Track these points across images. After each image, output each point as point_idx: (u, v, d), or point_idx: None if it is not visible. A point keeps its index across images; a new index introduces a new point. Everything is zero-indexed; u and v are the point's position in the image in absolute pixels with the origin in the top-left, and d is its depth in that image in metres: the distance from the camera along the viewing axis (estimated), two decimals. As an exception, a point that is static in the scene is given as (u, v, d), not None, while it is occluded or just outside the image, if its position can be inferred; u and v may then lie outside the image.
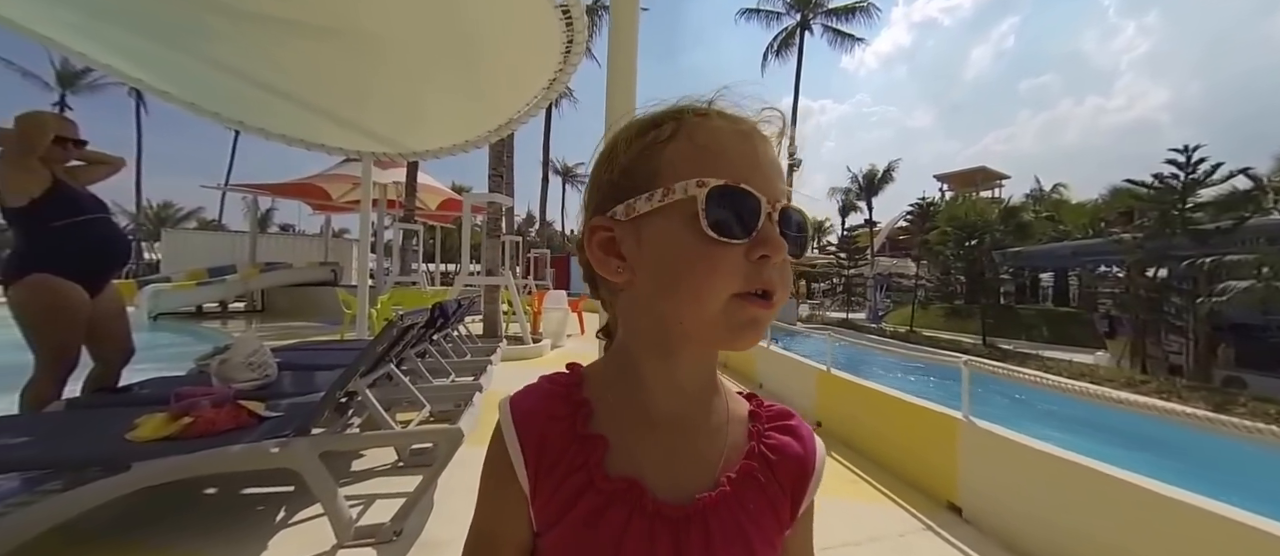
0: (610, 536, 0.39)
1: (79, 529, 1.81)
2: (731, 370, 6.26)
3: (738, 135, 0.40)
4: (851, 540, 2.14)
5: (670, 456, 0.42)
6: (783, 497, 0.44)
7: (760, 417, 0.46)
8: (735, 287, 0.37)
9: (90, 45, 3.17)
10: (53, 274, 2.30)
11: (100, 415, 2.21)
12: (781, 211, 0.39)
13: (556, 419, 0.42)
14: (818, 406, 3.95)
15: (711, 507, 0.40)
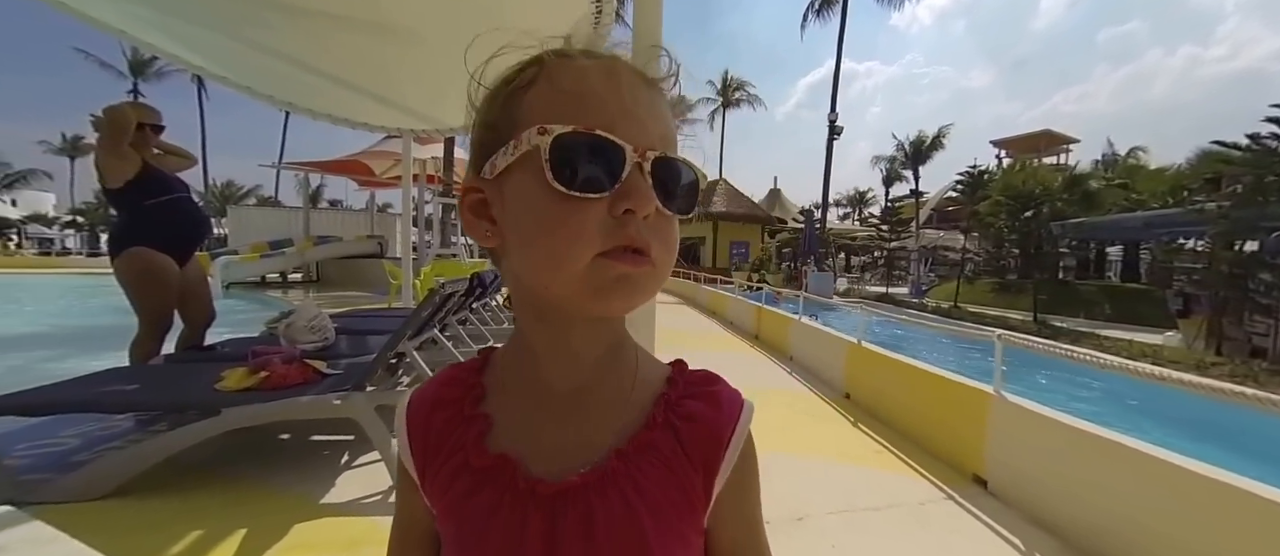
0: (482, 516, 0.36)
1: (181, 462, 2.10)
2: (763, 341, 6.29)
3: (605, 74, 0.35)
4: (871, 506, 2.20)
5: (559, 431, 0.38)
6: (692, 472, 0.38)
7: (677, 384, 0.41)
8: (597, 247, 0.32)
9: (157, 36, 3.44)
10: (148, 247, 2.61)
11: (193, 368, 2.52)
12: (658, 161, 0.34)
13: (444, 404, 0.40)
14: (846, 378, 3.95)
15: (594, 485, 0.36)
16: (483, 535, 0.36)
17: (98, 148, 2.59)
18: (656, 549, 0.35)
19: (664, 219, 0.35)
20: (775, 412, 3.54)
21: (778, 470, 2.54)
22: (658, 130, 0.36)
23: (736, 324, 7.70)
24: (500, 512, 0.36)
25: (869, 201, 47.30)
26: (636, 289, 0.34)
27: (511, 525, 0.35)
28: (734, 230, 22.58)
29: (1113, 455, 1.87)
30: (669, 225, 0.36)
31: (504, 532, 0.35)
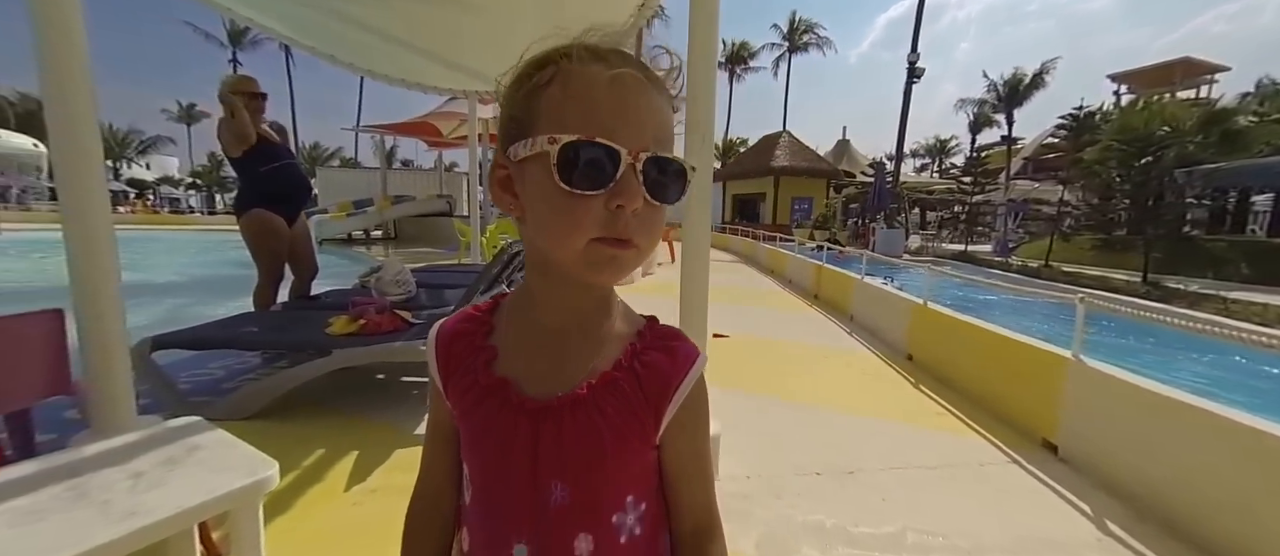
0: (484, 416, 0.48)
1: (300, 394, 2.47)
2: (823, 301, 6.15)
3: (610, 83, 0.41)
4: (927, 464, 2.20)
5: (546, 363, 0.48)
6: (645, 406, 0.47)
7: (645, 336, 0.50)
8: (593, 233, 0.40)
9: (251, 9, 3.74)
10: (264, 208, 2.99)
11: (305, 315, 2.90)
12: (650, 160, 0.41)
13: (462, 336, 0.51)
14: (909, 339, 3.82)
15: (567, 406, 0.46)
16: (485, 435, 0.48)
17: (220, 124, 2.94)
18: (611, 455, 0.46)
19: (652, 209, 0.42)
20: (831, 371, 3.52)
21: (830, 425, 2.57)
22: (653, 130, 0.42)
23: (795, 282, 7.54)
24: (498, 420, 0.47)
25: (951, 151, 43.12)
26: (622, 268, 0.43)
27: (505, 428, 0.47)
28: (796, 185, 21.52)
29: (1206, 427, 1.74)
30: (655, 214, 0.43)
31: (500, 434, 0.47)
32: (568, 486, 0.47)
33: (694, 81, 1.87)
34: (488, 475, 0.50)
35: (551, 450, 0.46)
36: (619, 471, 0.48)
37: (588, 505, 0.47)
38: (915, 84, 19.03)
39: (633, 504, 0.49)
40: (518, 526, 0.48)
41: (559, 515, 0.47)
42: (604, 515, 0.48)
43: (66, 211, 1.57)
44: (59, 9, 1.47)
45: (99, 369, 1.62)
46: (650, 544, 0.51)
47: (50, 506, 0.93)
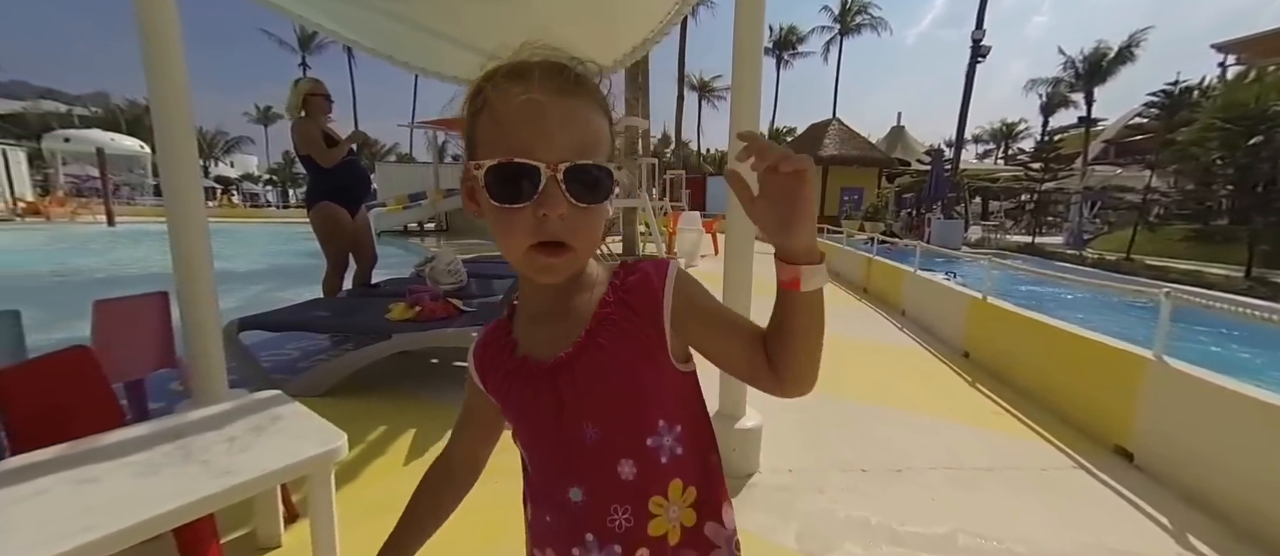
0: (515, 393, 0.56)
1: (363, 374, 2.66)
2: (872, 295, 5.92)
3: (525, 104, 0.45)
4: (982, 465, 2.10)
5: (549, 335, 0.54)
6: (642, 322, 0.52)
7: (618, 275, 0.55)
8: (528, 241, 0.46)
9: (318, 14, 3.99)
10: (330, 202, 3.22)
11: (368, 302, 3.11)
12: (569, 170, 0.45)
13: (490, 343, 0.60)
14: (966, 335, 3.63)
15: (572, 357, 0.52)
16: (520, 407, 0.56)
17: (293, 125, 3.19)
18: (622, 382, 0.52)
19: (582, 211, 0.47)
20: (880, 367, 3.40)
21: (877, 422, 2.49)
22: (571, 140, 0.46)
23: (843, 275, 7.29)
24: (526, 389, 0.55)
25: (1019, 135, 39.98)
26: (559, 271, 0.49)
27: (532, 395, 0.54)
28: (846, 175, 20.63)
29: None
30: (586, 215, 0.47)
31: (530, 400, 0.55)
32: (596, 425, 0.52)
33: (740, 70, 1.84)
34: (531, 441, 0.57)
35: (572, 398, 0.52)
36: (637, 397, 0.53)
37: (619, 435, 0.52)
38: (980, 63, 17.77)
39: (666, 427, 0.53)
40: (567, 474, 0.54)
41: (597, 451, 0.52)
42: (638, 440, 0.52)
43: (169, 207, 1.76)
44: (163, 30, 1.65)
45: (197, 346, 1.82)
46: (692, 462, 0.55)
47: (163, 462, 1.06)
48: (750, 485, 1.88)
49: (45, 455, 1.05)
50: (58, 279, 6.56)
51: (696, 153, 47.40)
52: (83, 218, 15.30)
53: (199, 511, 0.95)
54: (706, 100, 46.27)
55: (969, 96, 17.91)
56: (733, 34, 1.85)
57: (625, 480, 0.52)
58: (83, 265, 7.75)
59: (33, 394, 1.14)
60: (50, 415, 1.15)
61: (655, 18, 3.86)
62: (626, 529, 0.52)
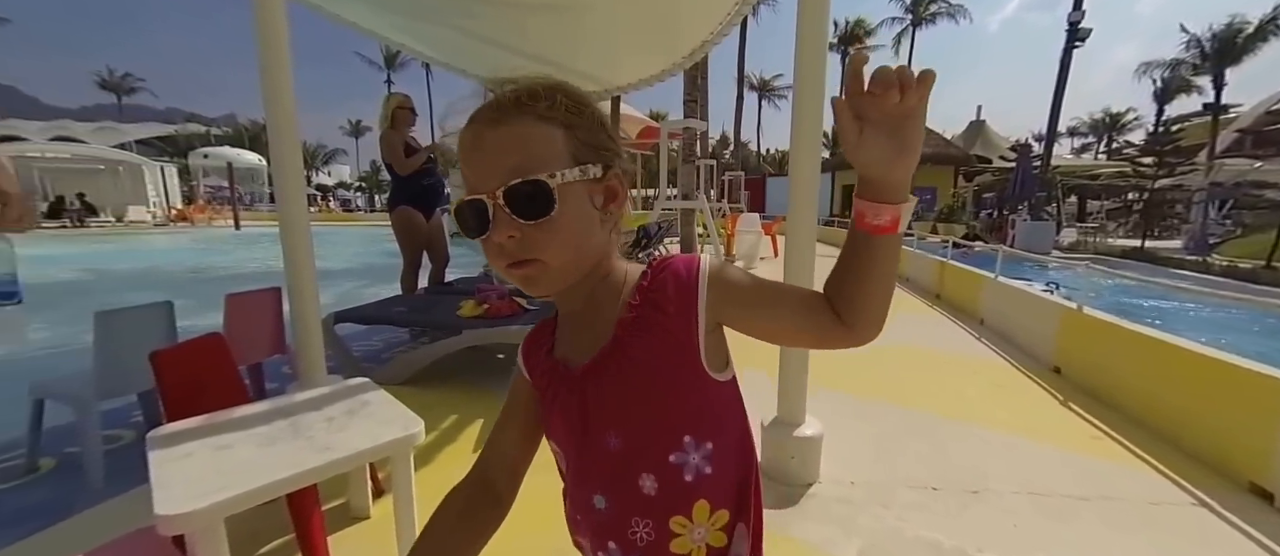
0: (550, 394, 0.57)
1: (436, 367, 2.86)
2: (946, 301, 5.54)
3: (469, 137, 0.48)
4: (1073, 493, 1.91)
5: (584, 338, 0.55)
6: (672, 320, 0.51)
7: (648, 275, 0.54)
8: (502, 263, 0.49)
9: (400, 34, 4.32)
10: (409, 206, 3.51)
11: (442, 299, 3.35)
12: (506, 193, 0.45)
13: (535, 340, 0.62)
14: (1057, 349, 3.31)
15: (599, 362, 0.52)
16: (552, 407, 0.57)
17: (381, 136, 3.50)
18: (647, 392, 0.51)
19: (536, 229, 0.47)
20: (953, 379, 3.18)
21: (950, 437, 2.34)
22: (506, 164, 0.46)
23: (913, 280, 6.86)
24: (558, 391, 0.56)
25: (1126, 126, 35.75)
26: (535, 283, 0.50)
27: (562, 398, 0.55)
28: (916, 174, 19.09)
29: None
30: (538, 232, 0.47)
31: (561, 404, 0.56)
32: (618, 434, 0.52)
33: (803, 69, 1.80)
34: (561, 444, 0.58)
35: (597, 405, 0.52)
36: (663, 406, 0.51)
37: (641, 447, 0.51)
38: (1077, 48, 16.04)
39: (692, 444, 0.51)
40: (592, 480, 0.54)
41: (619, 461, 0.52)
42: (660, 455, 0.51)
43: (280, 214, 2.00)
44: (277, 63, 1.88)
45: (302, 337, 2.05)
46: (724, 483, 0.53)
47: (279, 436, 1.22)
48: (809, 495, 1.83)
49: (190, 424, 1.24)
50: (195, 274, 7.59)
51: (756, 153, 46.43)
52: (216, 223, 17.57)
53: (307, 481, 1.08)
54: (767, 99, 45.23)
55: (1063, 85, 16.19)
56: (795, 31, 1.81)
57: (646, 494, 0.51)
58: (214, 263, 8.92)
59: (181, 372, 1.34)
60: (193, 391, 1.35)
61: (716, 18, 3.85)
62: (647, 543, 0.52)
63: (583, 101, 0.50)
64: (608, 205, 0.52)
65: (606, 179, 0.51)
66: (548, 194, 0.46)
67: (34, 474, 1.88)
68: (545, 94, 0.48)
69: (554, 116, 0.48)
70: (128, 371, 1.93)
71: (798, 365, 1.89)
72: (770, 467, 1.92)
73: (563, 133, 0.48)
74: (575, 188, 0.48)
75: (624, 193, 0.53)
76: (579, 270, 0.51)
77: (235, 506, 0.98)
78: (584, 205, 0.49)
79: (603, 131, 0.51)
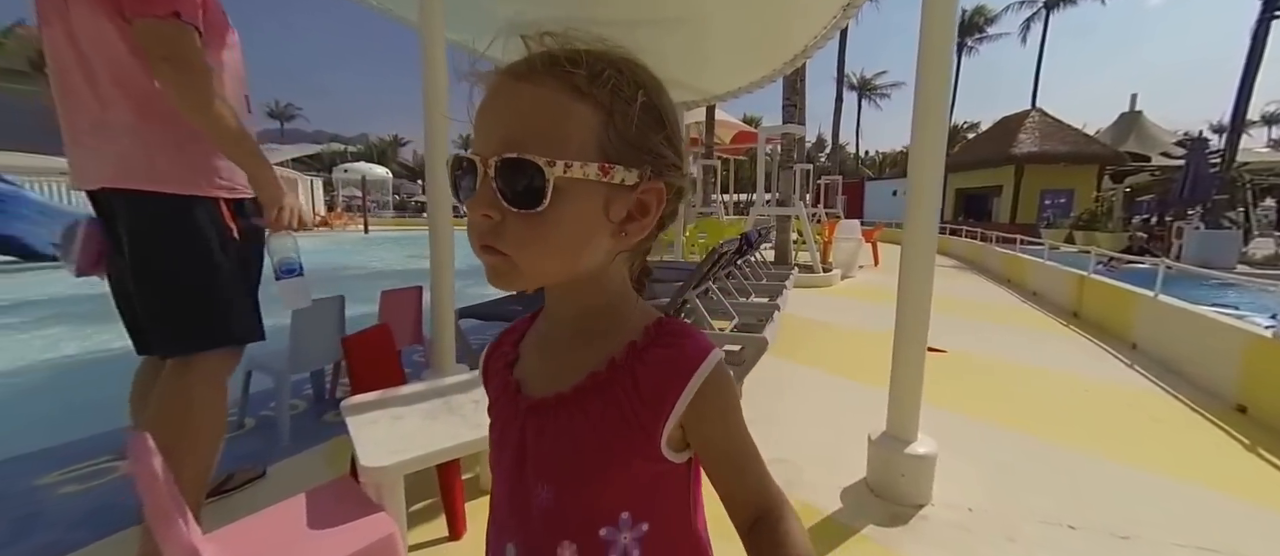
0: (496, 417, 0.52)
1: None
2: (1086, 321, 4.84)
3: (491, 85, 0.40)
4: (1262, 554, 1.62)
5: (550, 365, 0.49)
6: (643, 411, 0.43)
7: (649, 334, 0.46)
8: (477, 242, 0.40)
9: (480, 44, 4.78)
10: None
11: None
12: (499, 165, 0.37)
13: (498, 347, 0.56)
14: (1242, 385, 2.78)
15: (552, 405, 0.46)
16: (498, 427, 0.51)
17: None
18: (591, 459, 0.44)
19: (519, 219, 0.38)
20: (1097, 410, 2.80)
21: (1090, 472, 2.08)
22: (511, 131, 0.38)
23: (1044, 295, 6.07)
24: (505, 415, 0.50)
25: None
26: (499, 275, 0.41)
27: (506, 426, 0.49)
28: (1049, 175, 16.94)
29: None
30: (522, 223, 0.38)
31: (502, 432, 0.50)
32: (551, 488, 0.45)
33: (927, 60, 1.69)
34: (495, 470, 0.52)
35: (536, 449, 0.46)
36: (605, 480, 0.45)
37: (571, 511, 0.45)
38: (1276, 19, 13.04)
39: (628, 521, 0.45)
40: (510, 525, 0.49)
41: (543, 518, 0.46)
42: (589, 526, 0.45)
43: (431, 224, 2.33)
44: (436, 96, 2.20)
45: (438, 329, 2.36)
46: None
47: (438, 412, 1.44)
48: (920, 517, 1.74)
49: (369, 398, 1.51)
50: (334, 272, 8.93)
51: (854, 156, 43.74)
52: (350, 228, 20.41)
53: (467, 450, 1.28)
54: (867, 98, 42.43)
55: (1257, 65, 13.19)
56: (919, 21, 1.69)
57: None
58: (349, 262, 10.38)
59: (363, 354, 1.64)
60: (369, 369, 1.64)
61: (821, 22, 3.78)
62: None
63: (638, 85, 0.41)
64: (629, 221, 0.42)
65: (641, 189, 0.41)
66: (540, 183, 0.37)
67: (242, 429, 2.37)
68: (590, 63, 0.39)
69: (592, 93, 0.39)
70: (312, 351, 2.36)
71: (911, 377, 1.81)
72: (877, 484, 1.85)
73: (597, 117, 0.39)
74: (584, 188, 0.39)
75: (657, 211, 0.43)
76: (555, 277, 0.44)
77: (414, 466, 1.19)
78: (591, 212, 0.40)
79: (657, 130, 0.42)
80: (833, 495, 1.86)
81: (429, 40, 2.16)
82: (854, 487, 1.90)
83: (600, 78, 0.39)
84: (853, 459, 1.98)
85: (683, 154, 0.44)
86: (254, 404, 2.50)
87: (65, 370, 3.39)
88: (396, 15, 3.25)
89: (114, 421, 2.18)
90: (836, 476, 1.95)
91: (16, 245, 8.19)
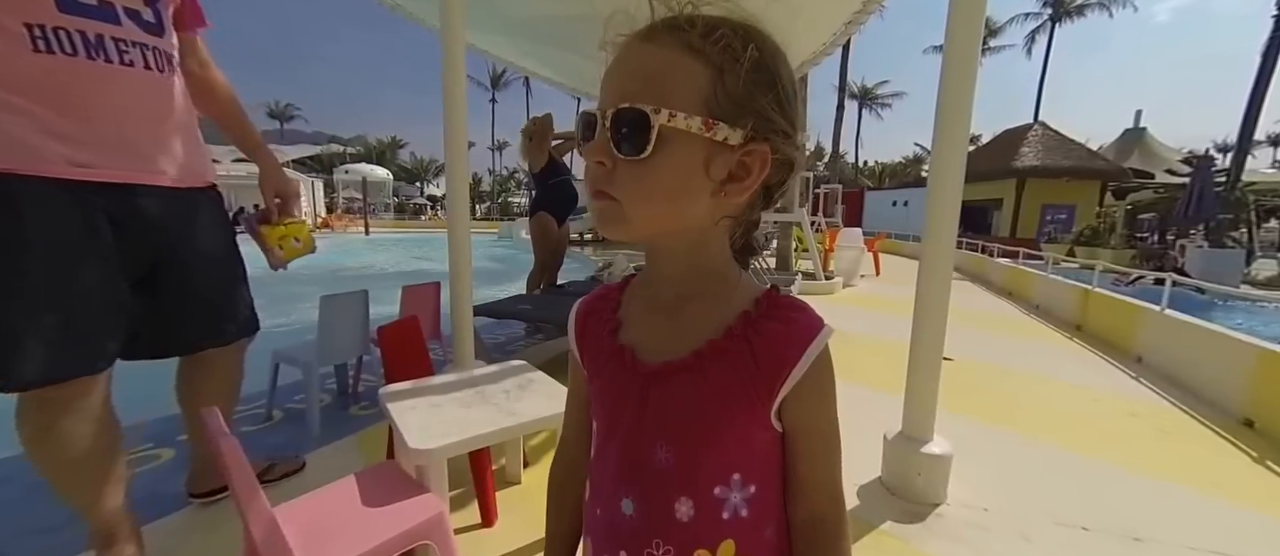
0: (607, 382, 0.53)
1: (555, 363, 3.15)
2: (1089, 334, 4.89)
3: (618, 49, 0.43)
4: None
5: (661, 332, 0.50)
6: (758, 379, 0.46)
7: (762, 306, 0.48)
8: (590, 187, 0.45)
9: (509, 52, 4.76)
10: (547, 213, 3.91)
11: (560, 299, 3.67)
12: (615, 115, 0.41)
13: (595, 311, 0.57)
14: (1251, 399, 2.82)
15: (675, 371, 0.48)
16: (605, 395, 0.53)
17: (526, 146, 3.95)
18: (712, 422, 0.47)
19: (630, 166, 0.42)
20: (1102, 419, 2.84)
21: (1102, 478, 2.12)
22: (629, 86, 0.42)
23: (1047, 309, 6.11)
24: (617, 380, 0.51)
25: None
26: (606, 219, 0.44)
27: (621, 390, 0.51)
28: (1050, 190, 16.98)
29: None
30: (634, 171, 0.42)
31: (616, 395, 0.52)
32: (670, 449, 0.48)
33: (952, 69, 1.71)
34: (605, 432, 0.54)
35: (657, 412, 0.48)
36: (721, 442, 0.48)
37: (689, 470, 0.48)
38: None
39: (739, 482, 0.48)
40: (626, 481, 0.51)
41: (662, 475, 0.48)
42: (705, 484, 0.48)
43: (449, 225, 2.38)
44: (455, 106, 2.26)
45: (458, 324, 2.40)
46: (755, 530, 0.50)
47: (473, 401, 1.49)
48: (937, 514, 1.78)
49: (403, 387, 1.56)
50: (336, 271, 8.99)
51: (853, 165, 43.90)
52: (351, 230, 20.46)
53: (506, 436, 1.32)
54: (869, 108, 42.65)
55: (1266, 84, 13.16)
56: (945, 27, 1.71)
57: (679, 519, 0.48)
58: (352, 262, 10.44)
59: (395, 344, 1.69)
60: (400, 359, 1.68)
61: (821, 38, 3.85)
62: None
63: (750, 43, 0.42)
64: (730, 181, 0.44)
65: (743, 149, 0.43)
66: (645, 129, 0.40)
67: (270, 421, 2.40)
68: (707, 22, 0.41)
69: (703, 50, 0.41)
70: (339, 344, 2.40)
71: (927, 379, 1.85)
72: (893, 482, 1.89)
73: (707, 73, 0.41)
74: (687, 139, 0.41)
75: (759, 174, 0.44)
76: (658, 229, 0.45)
77: (457, 450, 1.23)
78: (690, 164, 0.42)
79: (766, 92, 0.43)
80: (848, 492, 1.87)
81: (450, 42, 2.22)
82: (869, 486, 1.94)
83: (713, 35, 0.41)
84: (867, 460, 2.02)
85: (796, 123, 0.45)
86: (280, 396, 2.54)
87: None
88: (416, 17, 3.31)
89: (143, 413, 2.26)
90: (851, 475, 1.99)
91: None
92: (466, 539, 1.55)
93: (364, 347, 2.54)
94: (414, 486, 1.16)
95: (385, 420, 1.48)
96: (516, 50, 4.48)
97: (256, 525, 0.82)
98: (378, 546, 0.98)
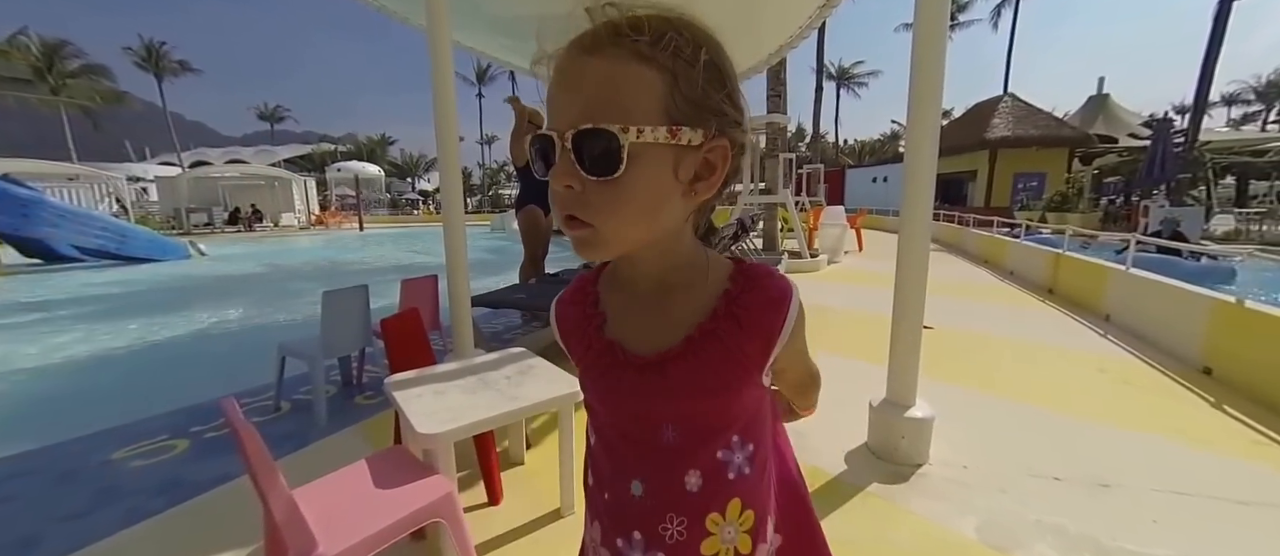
0: (599, 375, 0.53)
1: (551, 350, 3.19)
2: (1061, 296, 5.10)
3: (560, 62, 0.42)
4: (1227, 496, 1.79)
5: (648, 325, 0.51)
6: (752, 347, 0.49)
7: (737, 281, 0.50)
8: (563, 213, 0.43)
9: (496, 48, 4.70)
10: (535, 206, 3.91)
11: (551, 288, 3.70)
12: (575, 137, 0.40)
13: (574, 304, 0.56)
14: (1206, 348, 3.00)
15: (670, 358, 0.49)
16: (603, 389, 0.54)
17: (512, 137, 3.92)
18: (715, 396, 0.50)
19: (598, 187, 0.41)
20: (1073, 375, 3.00)
21: (1073, 432, 2.26)
22: (584, 104, 0.40)
23: (1020, 274, 6.34)
24: (609, 373, 0.52)
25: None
26: (586, 246, 0.44)
27: (618, 383, 0.52)
28: (1021, 159, 17.36)
29: None
30: (601, 191, 0.41)
31: (613, 388, 0.53)
32: (677, 428, 0.50)
33: (922, 50, 1.78)
34: (606, 424, 0.55)
35: (659, 399, 0.50)
36: (722, 410, 0.51)
37: (696, 443, 0.50)
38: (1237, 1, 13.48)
39: (738, 443, 0.52)
40: (634, 464, 0.52)
41: (670, 453, 0.51)
42: (710, 451, 0.51)
43: (445, 220, 2.38)
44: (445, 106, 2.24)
45: (457, 315, 2.42)
46: (756, 485, 0.53)
47: (476, 387, 1.53)
48: (920, 474, 1.89)
49: (409, 375, 1.58)
50: (333, 266, 8.86)
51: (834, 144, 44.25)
52: (345, 226, 20.09)
53: (510, 420, 1.37)
54: (846, 88, 42.86)
55: (1217, 47, 13.64)
56: (914, 24, 1.80)
57: (689, 491, 0.50)
58: (348, 257, 10.29)
59: (398, 335, 1.71)
60: (403, 349, 1.71)
61: (797, 22, 3.88)
62: (677, 541, 0.50)
63: (700, 46, 0.42)
64: (698, 181, 0.45)
65: (706, 148, 0.43)
66: (615, 151, 0.39)
67: (278, 412, 2.41)
68: (652, 27, 0.40)
69: (656, 58, 0.40)
70: (342, 337, 2.42)
71: (909, 347, 1.94)
72: (878, 447, 1.99)
73: (662, 80, 0.41)
74: (655, 151, 0.41)
75: (723, 169, 0.45)
76: (637, 243, 0.46)
77: (463, 433, 1.27)
78: (661, 174, 0.42)
79: (718, 89, 0.43)
80: (837, 458, 1.99)
81: (436, 40, 2.20)
82: (856, 451, 2.04)
83: (663, 41, 0.40)
84: (853, 427, 2.12)
85: (743, 109, 0.46)
86: (286, 389, 2.55)
87: (105, 361, 3.53)
88: (401, 16, 3.25)
89: (158, 405, 2.37)
90: (839, 442, 2.09)
91: (40, 247, 8.43)
92: (475, 516, 1.60)
93: (366, 340, 2.55)
94: (423, 469, 1.20)
95: (389, 408, 1.52)
96: (499, 45, 4.42)
97: (277, 506, 0.85)
98: (392, 524, 1.02)
